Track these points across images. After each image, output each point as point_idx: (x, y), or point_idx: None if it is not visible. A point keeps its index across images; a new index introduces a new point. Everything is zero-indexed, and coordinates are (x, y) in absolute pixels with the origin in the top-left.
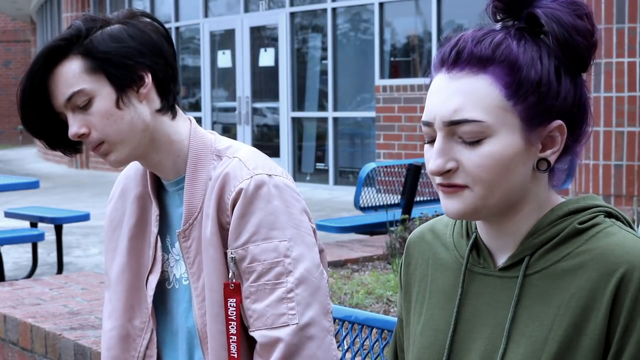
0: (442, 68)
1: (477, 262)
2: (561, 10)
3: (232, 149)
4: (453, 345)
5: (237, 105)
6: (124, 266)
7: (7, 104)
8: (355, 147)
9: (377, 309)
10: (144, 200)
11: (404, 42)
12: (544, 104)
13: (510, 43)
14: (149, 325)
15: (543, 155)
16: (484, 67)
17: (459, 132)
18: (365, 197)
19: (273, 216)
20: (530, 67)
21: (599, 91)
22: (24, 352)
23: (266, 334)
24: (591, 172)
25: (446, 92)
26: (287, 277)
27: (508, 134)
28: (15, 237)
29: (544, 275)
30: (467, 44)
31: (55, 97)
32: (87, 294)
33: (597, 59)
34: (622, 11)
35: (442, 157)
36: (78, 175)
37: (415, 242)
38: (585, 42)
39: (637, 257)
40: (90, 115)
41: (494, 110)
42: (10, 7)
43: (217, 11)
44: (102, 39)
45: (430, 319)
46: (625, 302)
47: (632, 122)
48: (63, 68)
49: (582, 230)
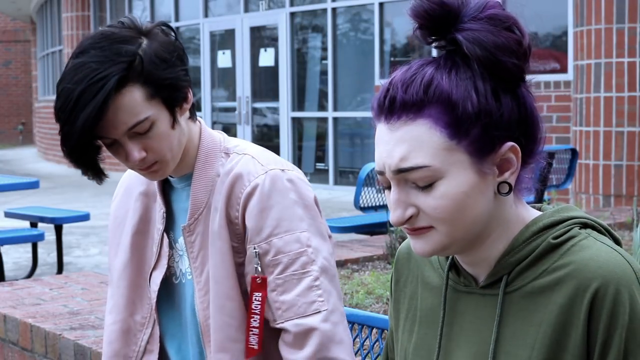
0: (380, 117)
1: (458, 281)
2: (482, 30)
3: (240, 147)
4: None
5: (237, 105)
6: (126, 262)
7: (7, 104)
8: (355, 147)
9: (377, 309)
10: (147, 197)
11: (404, 42)
12: (489, 133)
13: (440, 79)
14: (150, 320)
15: (502, 179)
16: (419, 111)
17: (411, 179)
18: (365, 197)
19: (291, 209)
20: (467, 100)
21: (599, 91)
22: (24, 352)
23: (300, 323)
24: (591, 172)
25: (390, 144)
26: (312, 265)
27: (459, 172)
28: (15, 237)
29: (524, 293)
30: (397, 91)
31: (114, 126)
32: (87, 294)
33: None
34: (622, 11)
35: (400, 207)
36: (78, 175)
37: (403, 258)
38: (512, 59)
39: (610, 272)
40: (148, 139)
41: (438, 152)
42: (10, 7)
43: (217, 11)
44: (153, 62)
45: (423, 338)
46: (601, 317)
47: (632, 122)
48: (124, 98)
49: (556, 245)
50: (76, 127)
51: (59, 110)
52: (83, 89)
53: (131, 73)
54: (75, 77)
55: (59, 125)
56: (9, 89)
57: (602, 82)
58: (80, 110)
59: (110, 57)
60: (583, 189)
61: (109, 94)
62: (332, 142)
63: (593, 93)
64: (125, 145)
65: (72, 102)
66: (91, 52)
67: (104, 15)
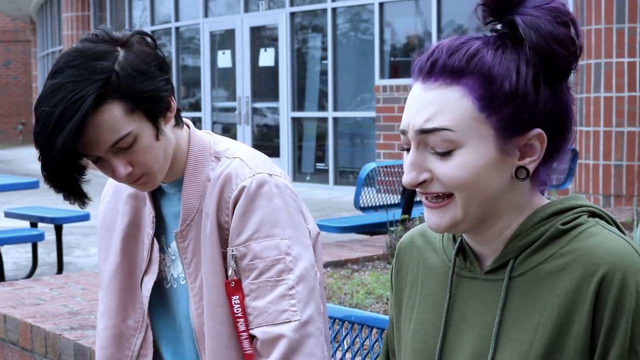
0: (418, 77)
1: (464, 266)
2: (541, 18)
3: (230, 150)
4: (443, 349)
5: (237, 105)
6: (116, 266)
7: (7, 104)
8: (355, 147)
9: (377, 309)
10: (137, 199)
11: (404, 42)
12: (519, 115)
13: (485, 54)
14: (143, 325)
15: (521, 164)
16: (457, 78)
17: (431, 143)
18: (365, 197)
19: (274, 214)
20: (505, 79)
21: (599, 91)
22: (24, 352)
23: (268, 330)
24: (591, 172)
25: (420, 103)
26: (288, 274)
27: (480, 145)
28: (15, 237)
29: (529, 277)
30: (441, 55)
31: (96, 144)
32: (87, 294)
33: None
34: (622, 11)
35: (415, 169)
36: None
37: (405, 247)
38: (564, 51)
39: (618, 258)
40: (133, 153)
41: (465, 121)
42: (10, 7)
43: (217, 11)
44: (131, 75)
45: (421, 323)
46: (607, 303)
47: (632, 122)
48: (103, 116)
49: (565, 231)
50: (55, 151)
51: (38, 135)
52: (61, 111)
53: (108, 90)
54: (53, 100)
55: (38, 151)
56: (9, 89)
57: (602, 82)
58: (58, 134)
59: (86, 76)
60: (583, 189)
61: (86, 113)
62: (332, 142)
63: (593, 93)
64: (110, 161)
65: (50, 127)
66: (66, 72)
67: (104, 15)
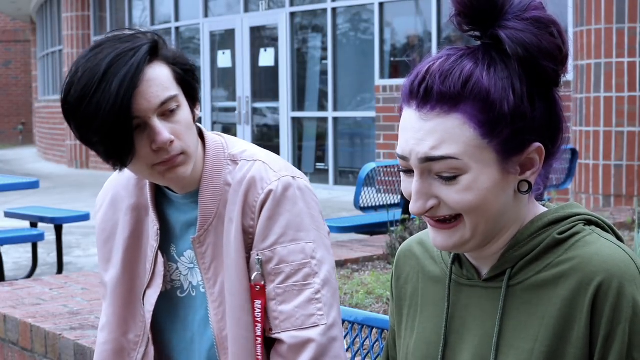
0: (411, 102)
1: (461, 274)
2: (526, 31)
3: (248, 153)
4: (445, 357)
5: (237, 105)
6: (117, 279)
7: (7, 104)
8: (355, 147)
9: (377, 309)
10: (138, 211)
11: (404, 42)
12: (519, 135)
13: (479, 75)
14: (144, 339)
15: (523, 178)
16: (455, 105)
17: (435, 169)
18: (365, 197)
19: (299, 218)
20: (504, 101)
21: (599, 91)
22: (24, 352)
23: (296, 335)
24: (591, 172)
25: (420, 132)
26: (314, 278)
27: (484, 169)
28: (15, 237)
29: (527, 286)
30: (435, 81)
31: (147, 99)
32: (87, 294)
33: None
34: (622, 11)
35: (422, 197)
36: (78, 175)
37: (404, 256)
38: (553, 65)
39: (614, 266)
40: (175, 124)
41: (469, 148)
42: (10, 7)
43: (217, 11)
44: (172, 49)
45: (423, 332)
46: (604, 311)
47: (632, 122)
48: (154, 71)
49: (561, 240)
50: (110, 91)
51: (83, 88)
52: (111, 60)
53: (156, 50)
54: (98, 57)
55: (80, 106)
56: (9, 89)
57: (602, 82)
58: (113, 76)
59: (131, 40)
60: (583, 189)
61: (143, 58)
62: (332, 142)
63: (593, 93)
64: (155, 126)
65: (101, 73)
66: (108, 43)
67: (104, 15)
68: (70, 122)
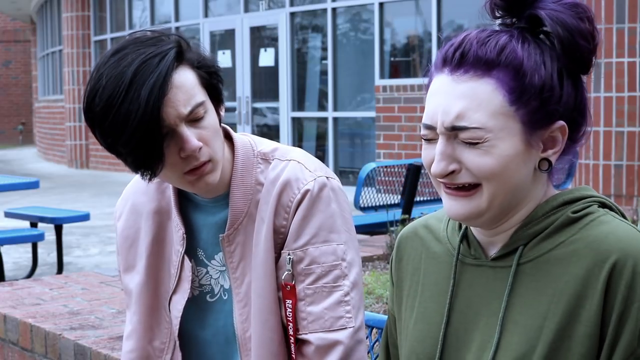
0: (444, 68)
1: (468, 254)
2: (564, 13)
3: (280, 152)
4: (447, 337)
5: (237, 105)
6: (142, 286)
7: (7, 104)
8: (355, 147)
9: (377, 309)
10: (160, 215)
11: (404, 42)
12: (546, 108)
13: (514, 46)
14: (170, 346)
15: (544, 155)
16: (489, 70)
17: (461, 136)
18: (365, 197)
19: (332, 219)
20: (535, 72)
21: (599, 91)
22: (24, 352)
23: (324, 337)
24: (591, 172)
25: (449, 96)
26: (344, 280)
27: (508, 137)
28: (15, 237)
29: (538, 263)
30: (472, 46)
31: (174, 106)
32: (87, 294)
33: (598, 59)
34: (622, 11)
35: (445, 159)
36: (78, 175)
37: (407, 238)
38: (588, 45)
39: (629, 245)
40: (203, 129)
41: (496, 115)
42: (10, 7)
43: (217, 11)
44: (197, 52)
45: (424, 312)
46: (619, 289)
47: (632, 122)
48: (180, 77)
49: (575, 219)
50: (139, 101)
51: (110, 97)
52: (137, 67)
53: (181, 54)
54: (122, 63)
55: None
56: (9, 89)
57: (602, 82)
58: (141, 84)
59: (155, 43)
60: None
61: (171, 65)
62: (332, 142)
63: (593, 93)
64: (183, 133)
65: (127, 81)
66: (131, 47)
67: (104, 15)
68: (95, 130)
